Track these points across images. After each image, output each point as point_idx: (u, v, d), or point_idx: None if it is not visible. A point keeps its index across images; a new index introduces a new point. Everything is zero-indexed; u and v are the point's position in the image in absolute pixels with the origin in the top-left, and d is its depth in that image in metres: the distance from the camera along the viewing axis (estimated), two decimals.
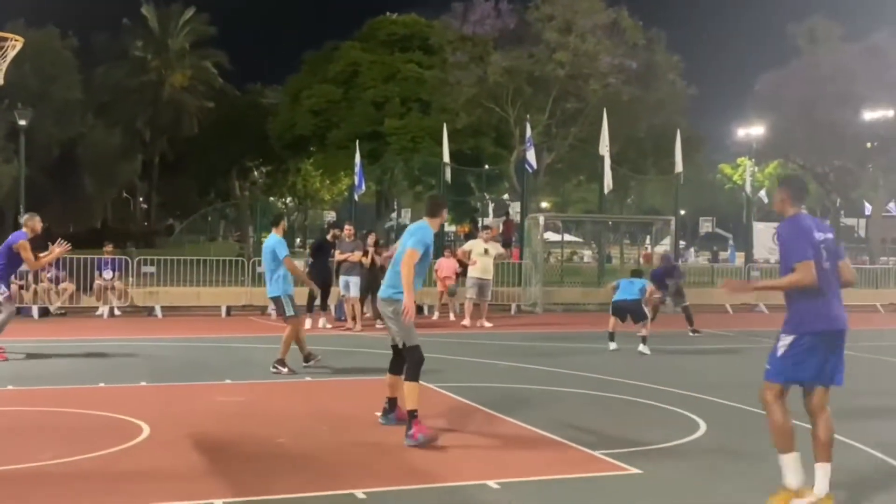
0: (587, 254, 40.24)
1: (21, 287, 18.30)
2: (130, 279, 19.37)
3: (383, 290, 7.74)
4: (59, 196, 38.47)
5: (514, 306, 21.35)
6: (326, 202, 58.13)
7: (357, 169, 26.77)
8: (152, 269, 20.06)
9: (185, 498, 5.78)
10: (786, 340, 5.54)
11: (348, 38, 41.22)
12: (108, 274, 18.79)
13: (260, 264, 20.86)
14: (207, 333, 15.68)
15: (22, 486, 6.04)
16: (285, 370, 10.81)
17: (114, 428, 7.82)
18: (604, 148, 24.29)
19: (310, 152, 43.28)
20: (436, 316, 19.03)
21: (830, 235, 5.65)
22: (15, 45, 7.61)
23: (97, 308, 18.51)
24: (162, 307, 19.06)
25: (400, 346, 7.63)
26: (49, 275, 18.01)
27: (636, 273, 14.83)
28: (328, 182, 51.26)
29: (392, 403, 7.94)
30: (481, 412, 8.68)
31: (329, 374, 11.13)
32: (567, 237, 39.16)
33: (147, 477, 6.31)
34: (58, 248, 10.88)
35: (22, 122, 25.79)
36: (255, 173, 58.98)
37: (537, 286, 21.47)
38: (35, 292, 18.33)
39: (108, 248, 20.04)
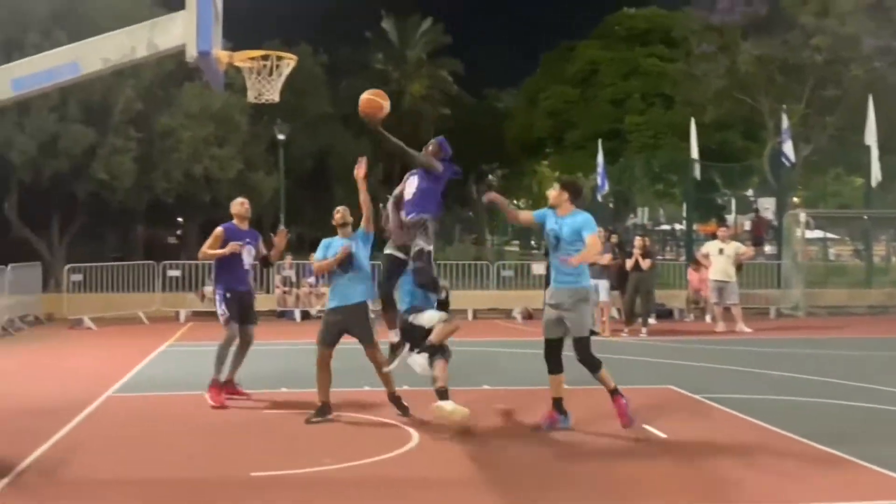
0: (846, 252, 37.41)
1: (285, 293, 19.42)
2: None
3: (563, 281, 7.78)
4: (312, 204, 40.73)
5: (773, 310, 20.09)
6: None
7: (599, 169, 26.29)
8: None
9: None
10: None
11: (584, 37, 40.77)
12: (310, 279, 19.46)
13: (505, 268, 21.09)
14: (457, 336, 15.79)
15: (303, 490, 6.18)
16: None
17: (384, 433, 7.92)
18: (870, 137, 22.39)
19: (546, 154, 43.22)
20: (690, 318, 18.26)
21: None
22: (289, 63, 7.85)
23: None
24: None
25: (574, 336, 7.72)
26: (310, 280, 18.91)
27: None
28: None
29: (559, 403, 7.91)
30: (759, 428, 8.03)
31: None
32: (821, 234, 36.54)
33: (421, 486, 6.28)
34: (229, 246, 10.06)
35: (281, 137, 27.47)
36: (491, 177, 59.78)
37: (799, 288, 20.07)
38: (297, 297, 19.36)
39: None
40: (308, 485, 6.32)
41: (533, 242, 44.90)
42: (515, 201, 58.99)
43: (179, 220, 34.97)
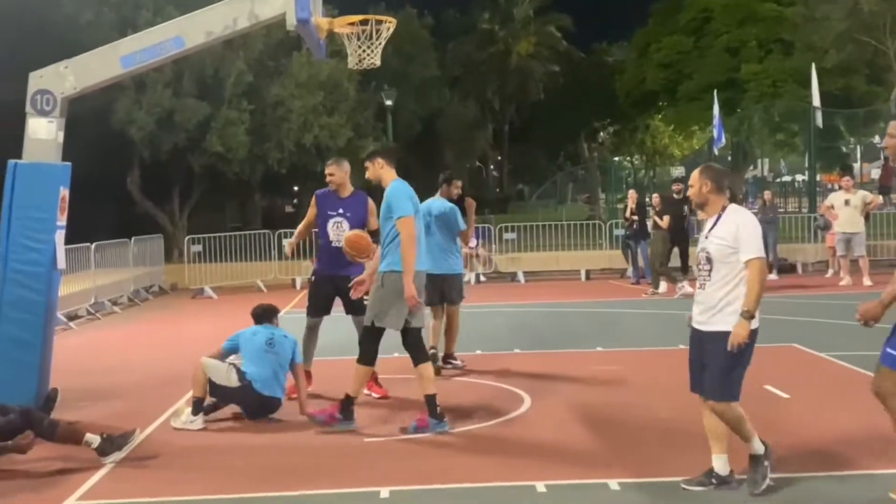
0: None
1: None
2: (493, 246, 19.92)
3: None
4: (422, 169, 40.93)
5: None
6: (676, 158, 56.36)
7: (715, 121, 25.39)
8: (513, 235, 20.48)
9: (575, 476, 5.56)
10: None
11: None
12: (472, 242, 19.40)
13: (617, 227, 20.66)
14: (570, 298, 15.63)
15: (414, 456, 6.18)
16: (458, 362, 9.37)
17: (497, 397, 7.86)
18: None
19: (659, 107, 42.10)
20: (829, 274, 17.47)
21: None
22: (389, 26, 7.75)
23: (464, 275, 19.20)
24: (524, 272, 19.40)
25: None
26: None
27: None
28: (679, 137, 49.61)
29: None
30: None
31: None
32: None
33: (533, 451, 6.18)
34: (287, 245, 9.52)
35: (388, 102, 27.60)
36: (602, 134, 58.72)
37: None
38: None
39: None
40: (420, 449, 6.31)
41: (648, 200, 43.98)
42: (629, 158, 57.83)
43: (296, 188, 35.65)
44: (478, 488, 5.42)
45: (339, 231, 7.86)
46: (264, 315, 7.71)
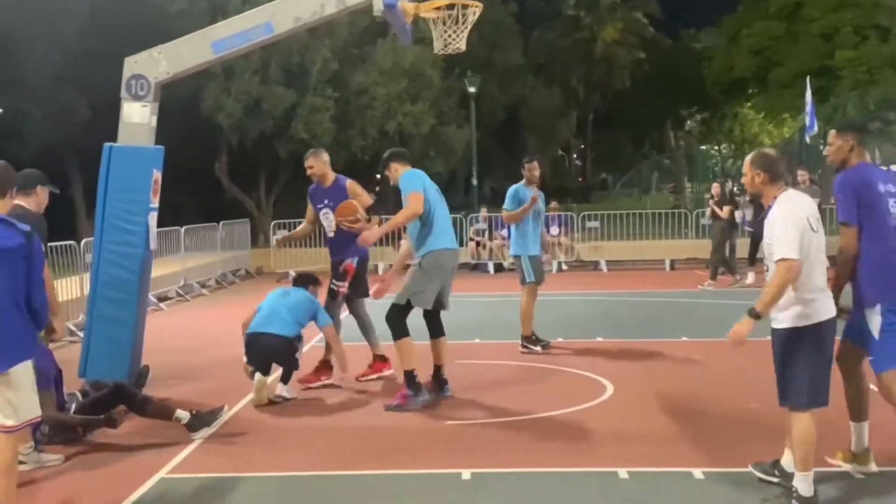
0: None
1: (478, 245, 19.58)
2: (575, 234, 19.76)
3: None
4: (505, 157, 40.83)
5: None
6: (766, 146, 54.95)
7: (808, 108, 24.61)
8: (596, 224, 20.26)
9: (658, 464, 5.49)
10: None
11: None
12: (554, 230, 19.31)
13: (703, 215, 20.25)
14: (654, 288, 15.42)
15: (496, 439, 6.18)
16: (536, 348, 9.40)
17: (579, 384, 7.80)
18: None
19: (748, 95, 41.10)
20: None
21: None
22: (475, 11, 7.73)
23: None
24: (606, 261, 19.20)
25: None
26: (503, 232, 18.94)
27: None
28: (769, 125, 48.35)
29: None
30: None
31: None
32: None
33: (614, 439, 6.12)
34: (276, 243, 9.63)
35: (472, 89, 27.48)
36: (689, 122, 57.61)
37: None
38: (490, 250, 19.46)
39: (553, 204, 20.59)
40: (501, 433, 6.31)
41: (736, 188, 43.04)
42: (716, 147, 56.62)
43: (378, 175, 35.95)
44: (559, 473, 5.39)
45: (329, 221, 7.97)
46: (300, 279, 7.93)
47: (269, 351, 7.29)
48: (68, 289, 11.49)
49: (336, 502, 5.12)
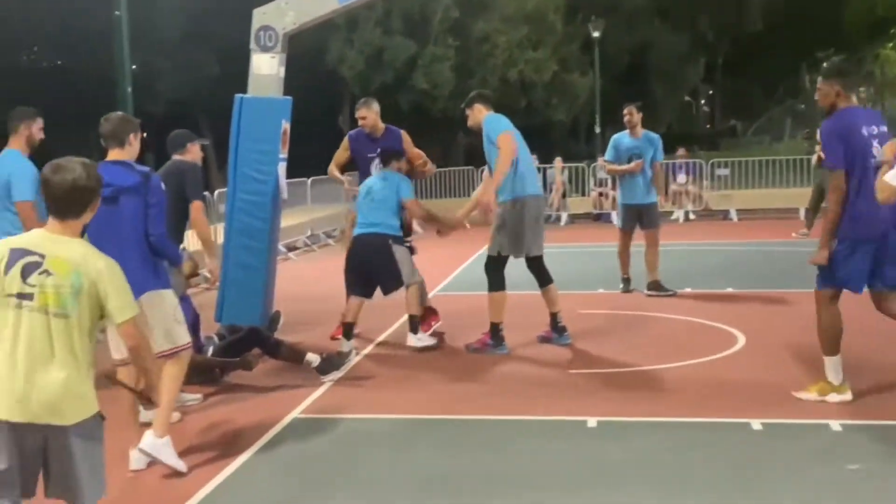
0: None
1: (601, 195, 19.24)
2: (704, 182, 19.18)
3: None
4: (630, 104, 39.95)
5: None
6: None
7: None
8: (726, 171, 19.60)
9: (792, 416, 5.32)
10: None
11: None
12: (681, 178, 18.81)
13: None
14: (785, 237, 14.84)
15: (622, 389, 6.11)
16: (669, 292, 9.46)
17: (710, 335, 7.63)
18: None
19: (891, 35, 38.82)
20: None
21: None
22: None
23: (671, 213, 18.54)
24: (737, 210, 18.60)
25: None
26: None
27: None
28: None
29: None
30: None
31: None
32: None
33: (748, 390, 5.97)
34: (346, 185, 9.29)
35: (595, 34, 26.89)
36: (826, 64, 54.88)
37: None
38: (613, 199, 19.11)
39: (681, 152, 20.04)
40: (628, 383, 6.24)
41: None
42: (860, 89, 53.79)
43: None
44: (689, 423, 5.31)
45: (378, 170, 7.89)
46: (383, 154, 7.84)
47: (371, 247, 7.32)
48: None
49: (464, 445, 5.16)
